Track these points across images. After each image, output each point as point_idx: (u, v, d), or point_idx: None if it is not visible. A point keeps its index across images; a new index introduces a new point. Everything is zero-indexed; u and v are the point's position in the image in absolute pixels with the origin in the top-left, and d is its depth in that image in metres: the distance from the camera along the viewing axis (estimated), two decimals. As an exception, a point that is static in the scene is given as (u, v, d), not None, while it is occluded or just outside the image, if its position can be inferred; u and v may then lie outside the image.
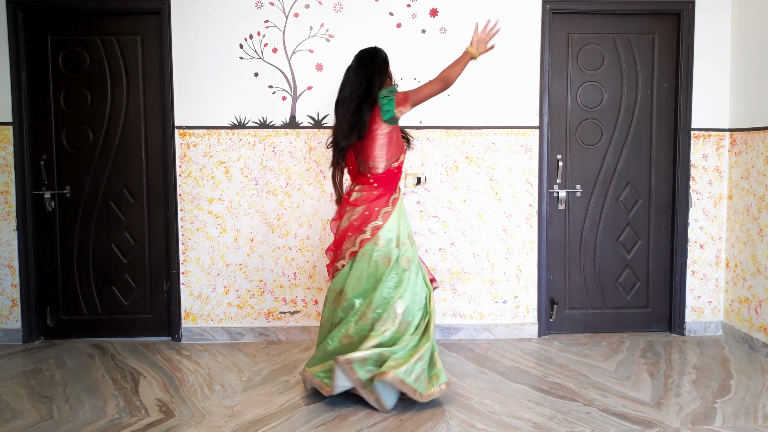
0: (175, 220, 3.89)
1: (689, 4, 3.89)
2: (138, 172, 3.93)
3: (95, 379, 3.32)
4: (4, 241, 3.87)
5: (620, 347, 3.80)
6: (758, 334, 3.68)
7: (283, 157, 3.89)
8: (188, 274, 3.92)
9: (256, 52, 3.84)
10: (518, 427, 2.74)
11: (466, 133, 3.91)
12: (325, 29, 3.85)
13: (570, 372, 3.38)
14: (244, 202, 3.90)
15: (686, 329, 4.02)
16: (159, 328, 3.99)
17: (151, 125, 3.91)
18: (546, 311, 4.02)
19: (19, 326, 3.90)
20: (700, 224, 4.00)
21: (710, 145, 3.98)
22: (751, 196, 3.76)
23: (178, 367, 3.49)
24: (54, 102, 3.89)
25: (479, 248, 3.96)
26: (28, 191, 3.87)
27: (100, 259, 3.95)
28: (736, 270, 3.90)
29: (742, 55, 3.83)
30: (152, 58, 3.88)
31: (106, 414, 2.88)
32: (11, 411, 2.91)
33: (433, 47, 3.86)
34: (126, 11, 3.83)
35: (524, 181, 3.94)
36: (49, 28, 3.85)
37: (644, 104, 3.99)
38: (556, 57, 3.94)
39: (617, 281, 4.08)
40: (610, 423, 2.77)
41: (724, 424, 2.76)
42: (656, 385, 3.19)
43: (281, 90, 3.87)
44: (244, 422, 2.79)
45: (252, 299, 3.95)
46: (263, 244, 3.92)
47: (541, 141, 3.92)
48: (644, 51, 3.97)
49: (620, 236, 4.05)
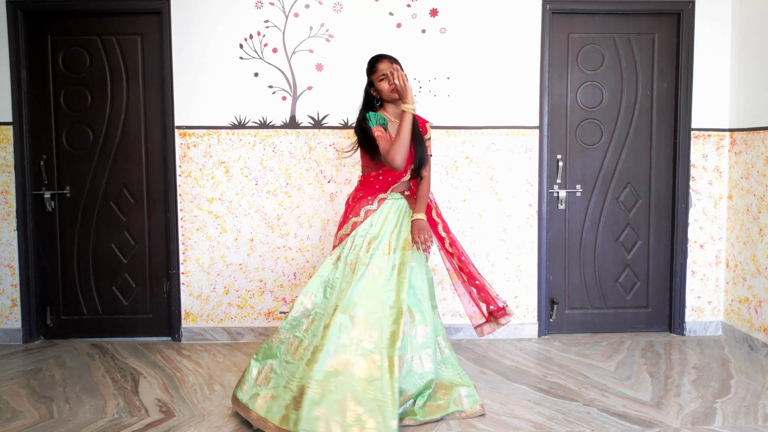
0: (175, 220, 3.89)
1: (689, 4, 3.89)
2: (138, 172, 3.93)
3: (95, 379, 3.32)
4: (4, 241, 3.87)
5: (620, 347, 3.80)
6: (758, 334, 3.68)
7: (283, 157, 3.89)
8: (188, 274, 3.92)
9: (256, 52, 3.85)
10: (518, 427, 2.74)
11: (466, 133, 3.91)
12: (325, 29, 3.85)
13: (570, 372, 3.38)
14: (244, 202, 3.91)
15: (686, 329, 4.02)
16: (159, 328, 3.99)
17: (151, 125, 3.91)
18: (546, 311, 4.02)
19: (19, 326, 3.90)
20: (700, 224, 4.00)
21: (710, 145, 3.98)
22: (751, 196, 3.76)
23: (178, 367, 3.49)
24: (54, 102, 3.89)
25: (479, 248, 3.96)
26: (28, 191, 3.87)
27: (100, 259, 3.96)
28: (736, 270, 3.90)
29: (742, 55, 3.83)
30: (152, 58, 3.88)
31: (106, 414, 2.88)
32: (11, 411, 2.91)
33: (433, 47, 3.86)
34: (126, 11, 3.83)
35: (524, 181, 3.94)
36: (49, 28, 3.86)
37: (644, 104, 4.00)
38: (556, 57, 3.94)
39: (617, 281, 4.08)
40: (610, 423, 2.77)
41: (724, 424, 2.76)
42: (656, 385, 3.19)
43: (281, 90, 3.87)
44: (244, 422, 2.78)
45: (252, 299, 3.95)
46: (263, 244, 3.92)
47: (541, 141, 3.92)
48: (644, 51, 3.97)
49: (620, 236, 4.05)
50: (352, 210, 2.88)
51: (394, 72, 2.74)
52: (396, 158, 2.67)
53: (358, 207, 2.85)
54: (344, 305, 2.62)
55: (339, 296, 2.69)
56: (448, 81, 3.88)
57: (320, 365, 2.51)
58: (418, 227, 2.78)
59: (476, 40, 3.87)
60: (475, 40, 3.87)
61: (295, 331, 2.74)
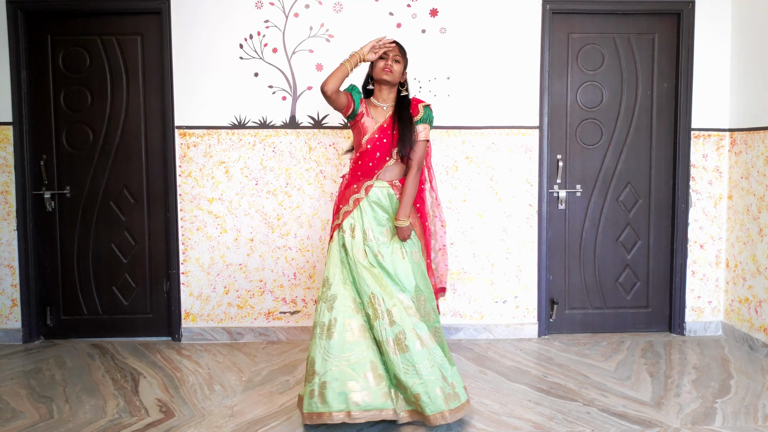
0: (175, 220, 3.89)
1: (689, 4, 3.89)
2: (138, 172, 3.93)
3: (95, 379, 3.32)
4: (4, 241, 3.87)
5: (620, 347, 3.80)
6: (758, 334, 3.68)
7: (283, 157, 3.89)
8: (188, 274, 3.92)
9: (256, 52, 3.84)
10: (518, 427, 2.74)
11: (466, 133, 3.91)
12: (325, 29, 3.85)
13: (570, 372, 3.38)
14: (244, 202, 3.91)
15: (686, 329, 4.02)
16: (159, 328, 3.99)
17: (151, 125, 3.91)
18: (546, 311, 4.02)
19: (19, 326, 3.90)
20: (700, 224, 4.00)
21: (710, 145, 3.98)
22: (751, 196, 3.76)
23: (178, 367, 3.49)
24: (54, 102, 3.89)
25: (479, 248, 3.96)
26: (28, 191, 3.87)
27: (100, 259, 3.96)
28: (736, 270, 3.90)
29: (742, 55, 3.83)
30: (152, 58, 3.88)
31: (106, 414, 2.88)
32: (11, 411, 2.91)
33: (433, 47, 3.86)
34: (126, 11, 3.83)
35: (524, 181, 3.94)
36: (49, 28, 3.85)
37: (644, 104, 4.00)
38: (556, 57, 3.94)
39: (617, 281, 4.08)
40: (610, 423, 2.77)
41: (724, 424, 2.76)
42: (656, 385, 3.19)
43: (281, 90, 3.87)
44: (244, 422, 2.79)
45: (252, 299, 3.95)
46: (263, 244, 3.92)
47: (541, 141, 3.92)
48: (644, 51, 3.97)
49: (620, 236, 4.05)
50: (342, 198, 2.89)
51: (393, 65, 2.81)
52: (326, 82, 2.71)
53: (348, 194, 2.86)
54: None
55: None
56: (448, 81, 3.88)
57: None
58: (402, 235, 2.79)
59: (476, 40, 3.87)
60: (475, 40, 3.87)
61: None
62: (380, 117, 2.84)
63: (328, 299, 2.73)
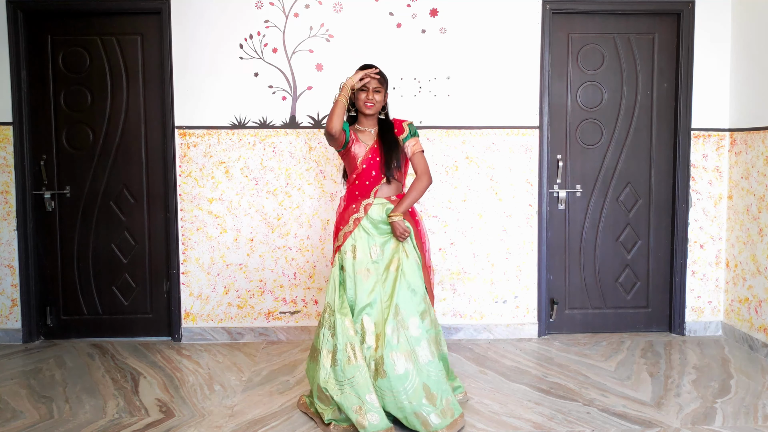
0: (175, 220, 3.89)
1: (689, 4, 3.89)
2: (138, 172, 3.93)
3: (95, 379, 3.32)
4: (4, 241, 3.87)
5: (620, 347, 3.80)
6: (758, 334, 3.68)
7: (283, 157, 3.89)
8: (188, 274, 3.92)
9: (256, 52, 3.85)
10: (518, 427, 2.74)
11: (466, 133, 3.91)
12: (325, 29, 3.85)
13: (570, 372, 3.38)
14: (244, 202, 3.91)
15: (686, 329, 4.02)
16: (159, 328, 3.99)
17: (151, 125, 3.91)
18: (546, 311, 4.02)
19: (19, 326, 3.90)
20: (700, 224, 4.00)
21: (710, 145, 3.98)
22: (751, 196, 3.76)
23: (178, 367, 3.49)
24: (54, 102, 3.89)
25: (479, 248, 3.96)
26: (28, 191, 3.87)
27: (100, 259, 3.96)
28: (736, 270, 3.90)
29: (742, 55, 3.83)
30: (152, 58, 3.88)
31: (106, 414, 2.88)
32: (11, 411, 2.91)
33: (433, 47, 3.86)
34: (126, 11, 3.83)
35: (524, 181, 3.94)
36: (49, 28, 3.85)
37: (644, 104, 4.00)
38: (556, 57, 3.94)
39: (617, 281, 4.08)
40: (610, 423, 2.77)
41: (724, 424, 2.76)
42: (656, 385, 3.19)
43: (281, 90, 3.87)
44: (244, 422, 2.79)
45: (252, 299, 3.95)
46: (263, 244, 3.92)
47: (541, 141, 3.92)
48: (644, 51, 3.97)
49: (620, 236, 4.05)
50: (342, 220, 2.89)
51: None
52: (330, 124, 2.71)
53: (347, 214, 2.87)
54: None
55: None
56: (448, 81, 3.88)
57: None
58: (396, 230, 2.80)
59: (476, 40, 3.87)
60: (475, 40, 3.87)
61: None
62: (369, 140, 2.88)
63: (332, 326, 2.76)
